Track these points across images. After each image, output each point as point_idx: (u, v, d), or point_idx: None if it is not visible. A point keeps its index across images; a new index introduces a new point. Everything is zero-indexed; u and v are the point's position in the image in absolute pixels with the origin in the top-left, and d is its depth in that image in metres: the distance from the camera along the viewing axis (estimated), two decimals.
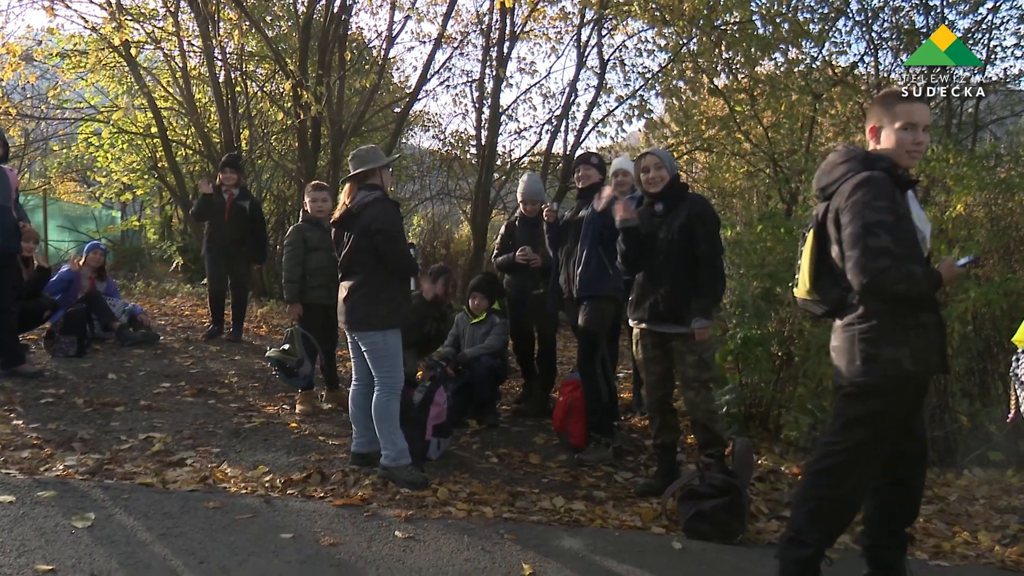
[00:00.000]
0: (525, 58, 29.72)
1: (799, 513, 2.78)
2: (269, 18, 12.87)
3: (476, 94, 12.98)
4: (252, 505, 3.53)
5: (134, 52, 11.74)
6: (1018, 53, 9.09)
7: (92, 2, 11.40)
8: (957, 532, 3.79)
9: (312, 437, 4.71)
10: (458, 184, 14.72)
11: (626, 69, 12.57)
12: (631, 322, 4.16)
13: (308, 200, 5.27)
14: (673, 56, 11.09)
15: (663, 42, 11.28)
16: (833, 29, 9.63)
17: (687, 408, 4.07)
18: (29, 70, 11.59)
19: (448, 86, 13.65)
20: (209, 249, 7.32)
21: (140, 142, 13.80)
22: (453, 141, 14.46)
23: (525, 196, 5.60)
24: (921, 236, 2.63)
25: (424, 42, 13.59)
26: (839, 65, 10.16)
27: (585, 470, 4.46)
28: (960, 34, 8.84)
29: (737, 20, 9.81)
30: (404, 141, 15.03)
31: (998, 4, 9.04)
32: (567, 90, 12.62)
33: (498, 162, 13.08)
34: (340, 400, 5.34)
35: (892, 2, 9.24)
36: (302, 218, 5.31)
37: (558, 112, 12.89)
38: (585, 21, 12.05)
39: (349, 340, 4.16)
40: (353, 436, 4.20)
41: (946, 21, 9.08)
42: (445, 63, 13.14)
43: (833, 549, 3.50)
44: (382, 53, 12.85)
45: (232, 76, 11.98)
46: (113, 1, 11.23)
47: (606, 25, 12.04)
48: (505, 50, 12.15)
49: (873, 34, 9.30)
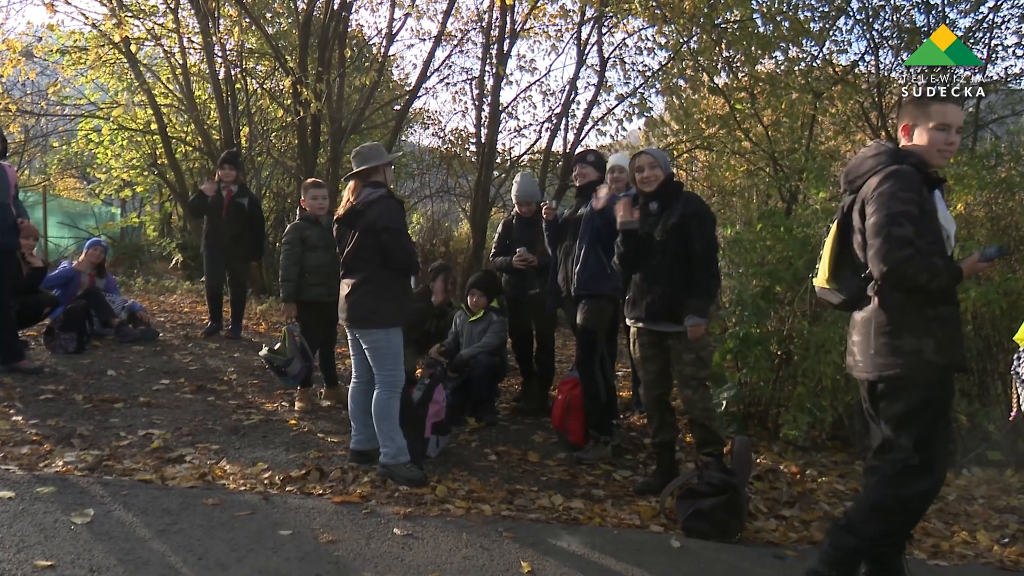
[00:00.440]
0: (525, 56, 29.69)
1: (860, 505, 2.78)
2: (269, 15, 12.85)
3: (476, 92, 12.96)
4: (251, 502, 3.53)
5: (134, 49, 11.72)
6: (1019, 52, 9.04)
7: None
8: (956, 531, 3.80)
9: (311, 434, 4.71)
10: (457, 182, 14.70)
11: (626, 67, 12.57)
12: (628, 321, 4.17)
13: (306, 198, 5.26)
14: (673, 54, 11.07)
15: (663, 40, 11.26)
16: (834, 28, 9.60)
17: (684, 407, 4.07)
18: (29, 66, 11.58)
19: (448, 84, 13.64)
20: (208, 246, 7.31)
21: (140, 139, 13.77)
22: (453, 139, 14.45)
23: (519, 198, 5.61)
24: (946, 235, 2.64)
25: (424, 39, 13.60)
26: (840, 64, 10.14)
27: (584, 468, 4.46)
28: (961, 33, 8.83)
29: (737, 18, 9.78)
30: (404, 139, 15.02)
31: (999, 3, 9.02)
32: (567, 88, 12.62)
33: (498, 160, 13.06)
34: (339, 397, 5.34)
35: (893, 1, 9.23)
36: (299, 216, 5.30)
37: (558, 110, 12.89)
38: (585, 19, 12.03)
39: (349, 337, 4.16)
40: (352, 433, 4.21)
41: (947, 20, 9.06)
42: (445, 60, 13.13)
43: None
44: (382, 50, 12.84)
45: (232, 73, 11.96)
46: None
47: (606, 23, 12.03)
48: (505, 48, 12.12)
49: (874, 33, 9.28)
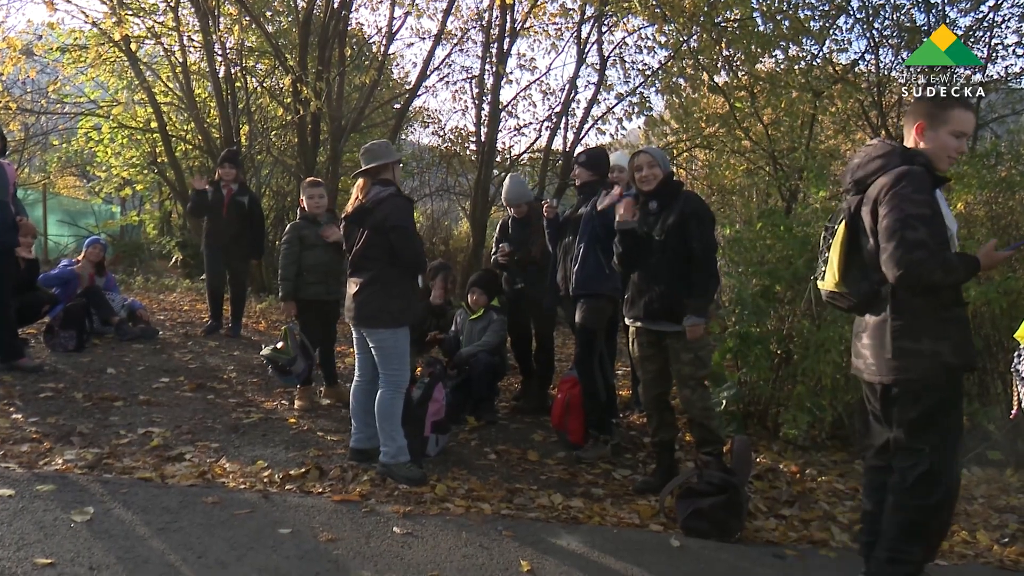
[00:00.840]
0: (525, 55, 29.67)
1: (894, 531, 2.72)
2: (269, 13, 12.85)
3: (476, 90, 12.97)
4: (250, 500, 3.53)
5: (134, 47, 11.72)
6: (1019, 51, 9.08)
7: None
8: (956, 531, 3.79)
9: (310, 433, 4.71)
10: (457, 180, 14.71)
11: (626, 66, 12.59)
12: (627, 320, 4.16)
13: (304, 197, 5.26)
14: (673, 53, 11.07)
15: (663, 39, 11.27)
16: (834, 26, 9.61)
17: (683, 406, 4.07)
18: (29, 65, 11.57)
19: (448, 82, 13.66)
20: (208, 245, 7.31)
21: (140, 137, 13.78)
22: (453, 137, 14.47)
23: (508, 201, 5.61)
24: (950, 234, 2.63)
25: (424, 38, 13.61)
26: (839, 63, 10.15)
27: (583, 467, 4.46)
28: (961, 32, 8.83)
29: (737, 17, 9.79)
30: (403, 137, 15.03)
31: (999, 2, 9.04)
32: (567, 87, 12.63)
33: (498, 159, 13.07)
34: (339, 396, 5.34)
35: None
36: (299, 215, 5.30)
37: (558, 109, 12.90)
38: (585, 17, 12.04)
39: (355, 336, 4.15)
40: (352, 432, 4.21)
41: (947, 19, 9.07)
42: (445, 59, 13.13)
43: (831, 548, 3.53)
44: (382, 49, 12.84)
45: (232, 71, 11.96)
46: None
47: (606, 22, 12.04)
48: (505, 46, 12.13)
49: (874, 31, 9.29)
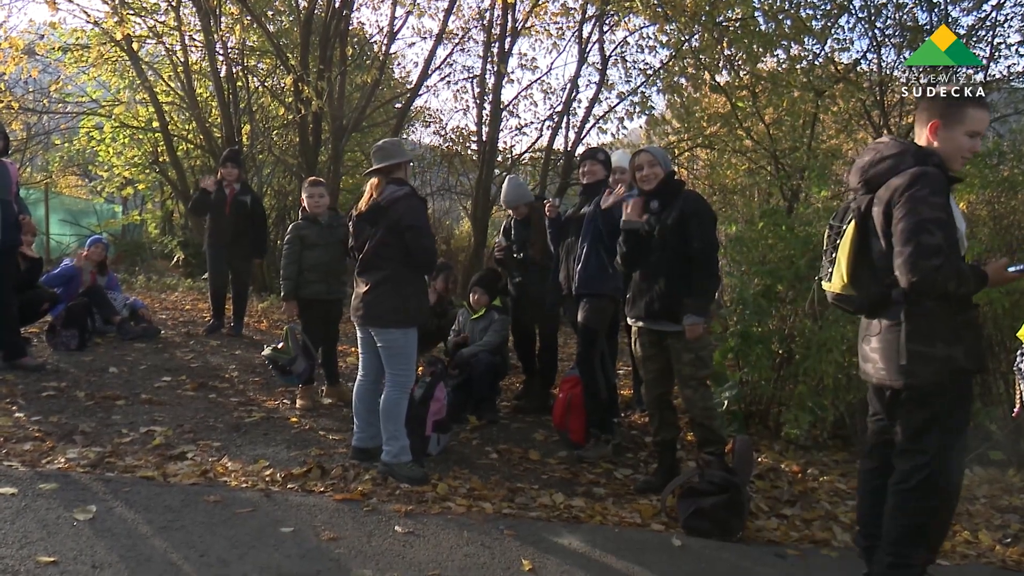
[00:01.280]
0: (526, 54, 29.76)
1: (896, 533, 2.69)
2: (270, 13, 12.85)
3: (477, 90, 12.98)
4: (252, 499, 3.53)
5: (136, 46, 11.74)
6: (1022, 51, 9.06)
7: None
8: (958, 531, 3.79)
9: (312, 432, 4.72)
10: (459, 180, 14.72)
11: (627, 65, 12.59)
12: (628, 319, 4.17)
13: (305, 196, 5.25)
14: (675, 52, 11.07)
15: (665, 38, 11.27)
16: (836, 26, 9.58)
17: (685, 406, 4.07)
18: (31, 64, 11.59)
19: (449, 82, 13.66)
20: (210, 244, 7.32)
21: (142, 136, 13.79)
22: (454, 137, 14.47)
23: (506, 204, 5.61)
24: (959, 234, 2.59)
25: (425, 38, 13.64)
26: (841, 62, 10.13)
27: (585, 467, 4.46)
28: (963, 31, 8.81)
29: (739, 16, 9.79)
30: (404, 137, 15.03)
31: (1002, 1, 8.99)
32: (568, 86, 12.64)
33: (499, 158, 13.07)
34: (340, 395, 5.35)
35: None
36: (300, 215, 5.30)
37: (559, 108, 12.90)
38: (587, 17, 12.05)
39: (360, 335, 4.15)
40: (354, 431, 4.21)
41: (949, 18, 9.05)
42: (446, 59, 13.15)
43: (833, 548, 3.53)
44: (383, 48, 12.84)
45: (233, 71, 11.98)
46: None
47: (607, 21, 12.04)
48: (506, 46, 12.14)
49: (876, 31, 9.26)
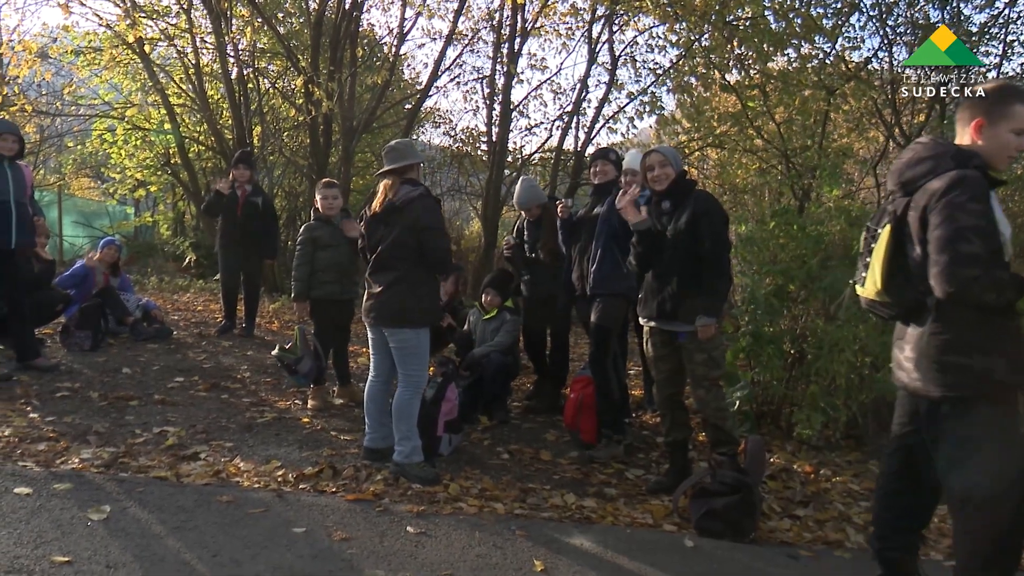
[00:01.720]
0: (536, 54, 29.75)
1: (964, 558, 2.52)
2: (281, 15, 12.92)
3: (487, 90, 12.98)
4: (265, 499, 3.55)
5: (148, 49, 11.81)
6: None
7: None
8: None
9: (324, 432, 4.73)
10: (469, 181, 14.73)
11: (637, 65, 12.57)
12: (641, 320, 4.15)
13: (319, 197, 5.27)
14: (685, 52, 11.04)
15: (674, 38, 11.25)
16: (847, 24, 9.55)
17: (697, 406, 4.05)
18: (44, 67, 11.68)
19: (459, 82, 13.68)
20: (222, 245, 7.35)
21: (153, 138, 13.88)
22: (464, 137, 14.49)
23: (520, 205, 5.61)
24: (1003, 239, 2.45)
25: (435, 39, 13.63)
26: (852, 60, 10.08)
27: (596, 467, 4.45)
28: (976, 28, 8.76)
29: (749, 15, 9.76)
30: (414, 137, 15.07)
31: None
32: (578, 86, 12.62)
33: (509, 158, 13.08)
34: (352, 396, 5.36)
35: None
36: (313, 216, 5.32)
37: (569, 108, 12.89)
38: (596, 17, 12.04)
39: (371, 335, 4.15)
40: (366, 431, 4.21)
41: (961, 16, 8.99)
42: (456, 60, 13.16)
43: (846, 549, 3.51)
44: (393, 50, 12.88)
45: (244, 72, 12.03)
46: None
47: (617, 21, 12.02)
48: (516, 46, 12.14)
49: (887, 29, 9.22)
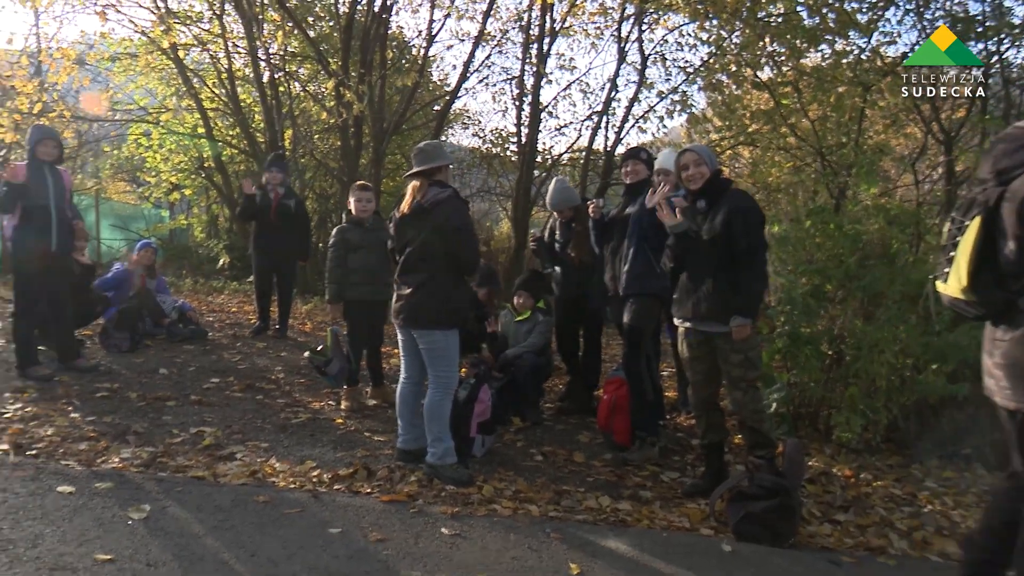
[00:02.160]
0: (564, 55, 29.67)
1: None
2: (311, 19, 13.03)
3: (516, 91, 12.98)
4: (300, 500, 3.57)
5: (181, 55, 12.01)
6: None
7: (141, 6, 11.69)
8: None
9: (357, 433, 4.75)
10: (498, 181, 14.74)
11: (667, 64, 12.48)
12: (675, 320, 4.10)
13: (353, 200, 5.30)
14: (716, 50, 10.92)
15: (705, 36, 11.13)
16: (882, 18, 9.32)
17: (734, 408, 3.99)
18: (82, 74, 11.93)
19: (488, 83, 13.71)
20: (256, 247, 7.44)
21: (187, 142, 14.09)
22: (493, 139, 14.50)
23: (552, 206, 5.58)
24: None
25: (463, 40, 13.68)
26: (888, 55, 9.86)
27: (630, 469, 4.41)
28: (1019, 20, 8.51)
29: (781, 11, 9.61)
30: (443, 139, 15.12)
31: None
32: (607, 86, 12.57)
33: (539, 159, 13.06)
34: (385, 396, 5.38)
35: None
36: (346, 218, 5.35)
37: (598, 108, 12.84)
38: (625, 16, 11.97)
39: (401, 337, 4.15)
40: (399, 432, 4.22)
41: (1003, 7, 8.74)
42: (485, 61, 13.19)
43: (889, 555, 3.43)
44: (422, 52, 12.93)
45: (276, 76, 12.17)
46: (161, 5, 11.51)
47: (646, 20, 11.94)
48: (545, 47, 12.12)
49: (925, 23, 9.00)
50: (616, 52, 12.20)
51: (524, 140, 12.54)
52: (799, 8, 9.39)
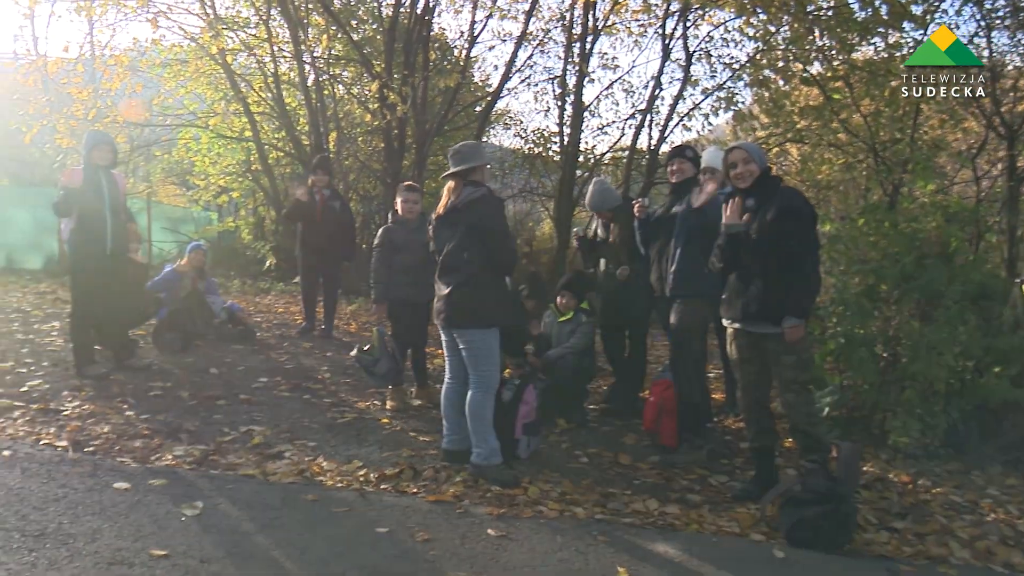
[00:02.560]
0: (607, 53, 29.49)
1: None
2: (355, 22, 13.17)
3: (558, 90, 12.93)
4: (348, 499, 3.60)
5: (229, 59, 12.23)
6: None
7: (191, 13, 11.97)
8: None
9: (403, 433, 4.77)
10: (540, 182, 14.70)
11: (712, 60, 12.29)
12: (724, 321, 4.02)
13: (400, 200, 5.34)
14: (763, 45, 10.72)
15: (751, 31, 10.93)
16: (938, 9, 9.05)
17: (785, 411, 3.90)
18: (134, 80, 12.26)
19: (529, 83, 13.67)
20: (302, 249, 7.53)
21: (235, 146, 14.36)
22: (535, 139, 14.47)
23: (591, 209, 5.53)
24: None
25: (505, 40, 13.68)
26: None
27: (678, 472, 4.34)
28: None
29: (831, 4, 9.39)
30: (485, 140, 15.14)
31: None
32: (651, 84, 12.44)
33: (581, 158, 12.99)
34: (429, 397, 5.39)
35: None
36: (391, 219, 5.38)
37: (642, 106, 12.71)
38: (670, 12, 11.83)
39: (444, 338, 4.17)
40: (444, 433, 4.23)
41: None
42: (527, 60, 13.15)
43: (951, 565, 3.31)
44: (464, 52, 12.97)
45: (320, 79, 12.32)
46: (210, 11, 11.75)
47: (691, 16, 11.78)
48: (587, 46, 12.05)
49: (984, 12, 8.68)
50: (660, 49, 12.06)
51: (566, 140, 12.49)
52: (850, 1, 9.16)
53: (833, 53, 9.96)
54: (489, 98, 13.20)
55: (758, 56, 11.19)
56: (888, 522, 3.74)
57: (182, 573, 2.76)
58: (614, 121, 13.66)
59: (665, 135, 12.39)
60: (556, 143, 13.52)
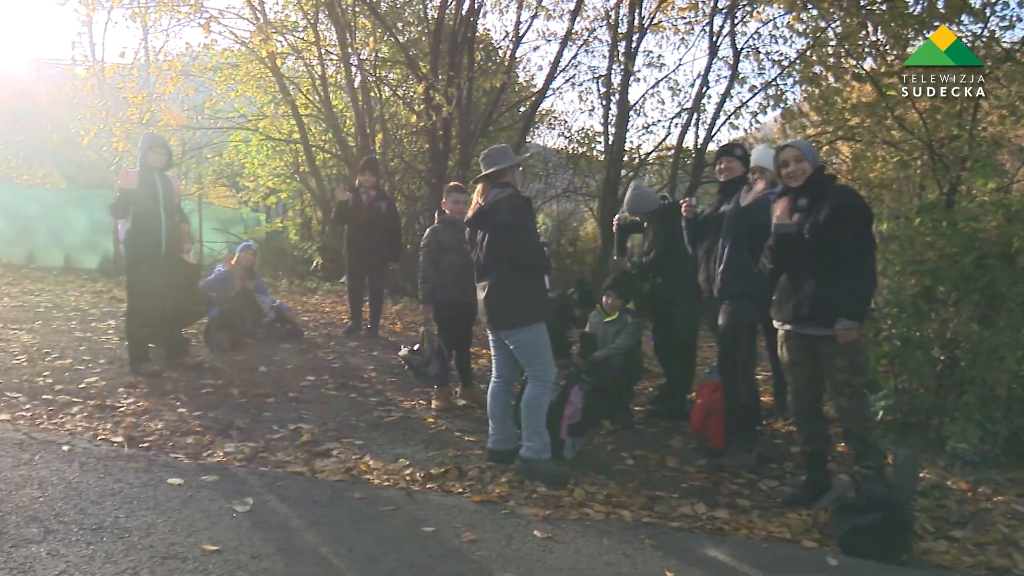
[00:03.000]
0: (652, 52, 29.23)
1: None
2: (401, 24, 13.29)
3: (603, 90, 12.85)
4: (394, 498, 3.62)
5: (278, 63, 12.46)
6: None
7: (242, 17, 12.22)
8: None
9: (448, 433, 4.79)
10: (584, 181, 14.64)
11: (760, 57, 12.07)
12: (775, 323, 3.93)
13: (448, 200, 5.38)
14: (813, 41, 10.47)
15: (801, 27, 10.68)
16: (999, 1, 8.70)
17: (838, 415, 3.79)
18: (187, 84, 12.58)
19: (574, 83, 13.63)
20: (349, 249, 7.63)
21: (283, 148, 14.62)
22: (579, 138, 14.40)
23: (628, 212, 5.48)
24: None
25: (550, 40, 13.64)
26: (1006, 41, 9.18)
27: (726, 476, 4.27)
28: None
29: None
30: (529, 140, 15.13)
31: None
32: (698, 82, 12.28)
33: (626, 158, 12.88)
34: (474, 397, 5.41)
35: None
36: (438, 219, 5.41)
37: (688, 105, 12.57)
38: (717, 9, 11.66)
39: (491, 337, 4.18)
40: (490, 433, 4.23)
41: None
42: (571, 60, 13.11)
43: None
44: (509, 53, 12.98)
45: (367, 82, 12.47)
46: (260, 16, 11.99)
47: (739, 13, 11.59)
48: (633, 44, 11.95)
49: None
50: (707, 47, 11.91)
51: (611, 139, 12.40)
52: None
53: (887, 48, 9.67)
54: (534, 98, 13.19)
55: (808, 53, 10.94)
56: (947, 531, 3.61)
57: (234, 568, 2.80)
58: (659, 120, 13.47)
59: (712, 134, 12.24)
60: (600, 143, 13.45)
